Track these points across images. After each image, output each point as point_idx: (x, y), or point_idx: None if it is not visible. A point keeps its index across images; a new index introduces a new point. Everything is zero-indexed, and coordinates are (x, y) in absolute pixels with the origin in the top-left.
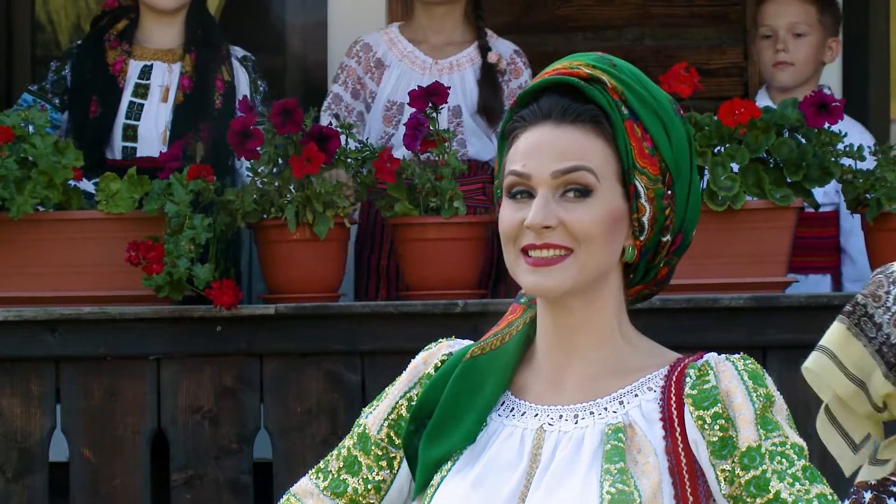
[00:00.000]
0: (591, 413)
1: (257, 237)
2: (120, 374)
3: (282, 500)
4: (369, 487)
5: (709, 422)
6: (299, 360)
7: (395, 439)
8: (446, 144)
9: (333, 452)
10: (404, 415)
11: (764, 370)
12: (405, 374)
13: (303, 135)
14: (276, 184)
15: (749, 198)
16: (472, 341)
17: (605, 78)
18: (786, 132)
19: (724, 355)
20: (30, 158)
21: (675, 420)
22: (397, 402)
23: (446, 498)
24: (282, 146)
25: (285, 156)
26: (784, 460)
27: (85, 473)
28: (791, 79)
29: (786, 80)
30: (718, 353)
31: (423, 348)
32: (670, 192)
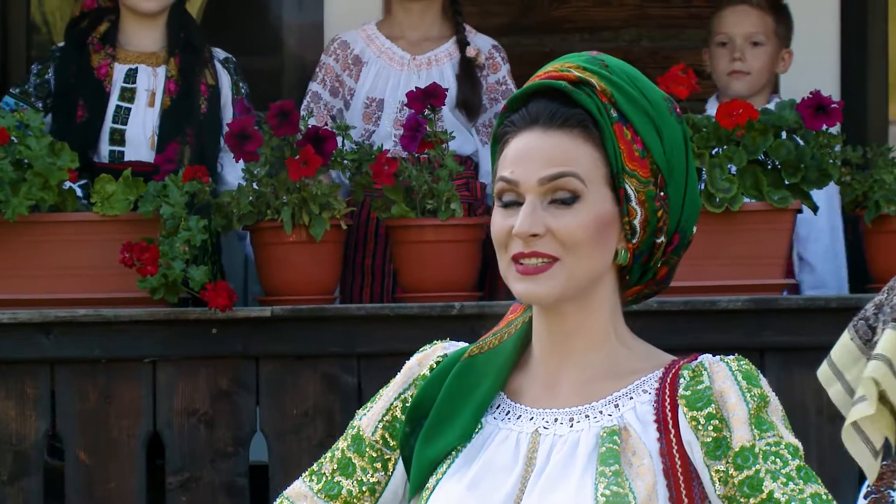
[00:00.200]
0: (587, 416)
1: (253, 239)
2: (115, 376)
3: (276, 503)
4: (364, 489)
5: (702, 422)
6: (295, 362)
7: (390, 441)
8: (443, 146)
9: (327, 455)
10: (399, 416)
11: (759, 371)
12: (400, 375)
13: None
14: (271, 186)
15: (747, 200)
16: (468, 343)
17: (595, 80)
18: (784, 134)
19: (718, 356)
20: (24, 160)
21: (670, 422)
22: (392, 404)
23: (442, 501)
24: (278, 148)
25: (281, 158)
26: (778, 460)
27: (80, 476)
28: (746, 88)
29: (740, 88)
30: (713, 355)
31: (419, 350)
32: (663, 193)
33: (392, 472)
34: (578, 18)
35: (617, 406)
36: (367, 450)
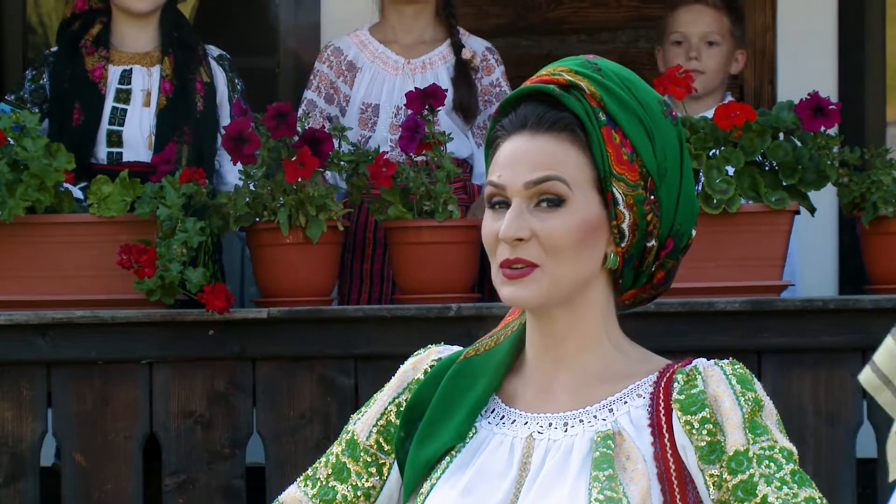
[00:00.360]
0: (581, 421)
1: (250, 241)
2: (112, 378)
3: None
4: (359, 494)
5: (696, 427)
6: (292, 364)
7: (385, 445)
8: (441, 148)
9: (322, 459)
10: (393, 421)
11: (753, 375)
12: (394, 379)
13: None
14: (268, 187)
15: (744, 201)
16: (462, 347)
17: (585, 84)
18: (781, 135)
19: (712, 360)
20: (21, 161)
21: (664, 426)
22: (386, 408)
23: None
24: (275, 149)
25: (278, 159)
26: (772, 464)
27: (76, 478)
28: (701, 87)
29: (697, 88)
30: (708, 359)
31: (413, 355)
32: (653, 196)
33: (387, 477)
34: (576, 20)
35: (611, 410)
36: (362, 454)
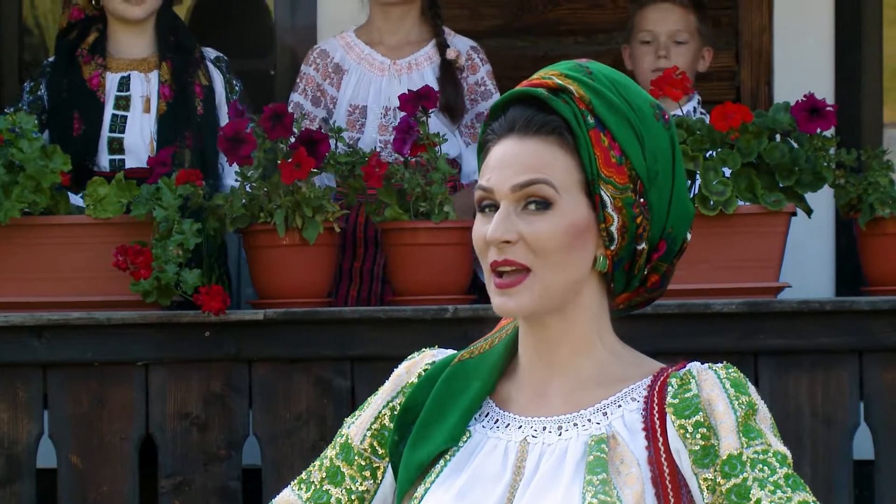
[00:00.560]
0: (575, 424)
1: (246, 242)
2: (108, 379)
3: None
4: (353, 498)
5: (690, 431)
6: (288, 365)
7: (379, 449)
8: (436, 149)
9: (315, 463)
10: (387, 424)
11: (747, 378)
12: (388, 383)
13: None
14: (265, 189)
15: (741, 202)
16: (457, 350)
17: (574, 87)
18: (778, 137)
19: (706, 364)
20: (17, 163)
21: (658, 430)
22: (380, 412)
23: None
24: (271, 150)
25: (274, 160)
26: (766, 468)
27: (72, 480)
28: None
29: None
30: (702, 362)
31: (407, 358)
32: (643, 199)
33: (381, 481)
34: (572, 21)
35: (605, 414)
36: (356, 458)
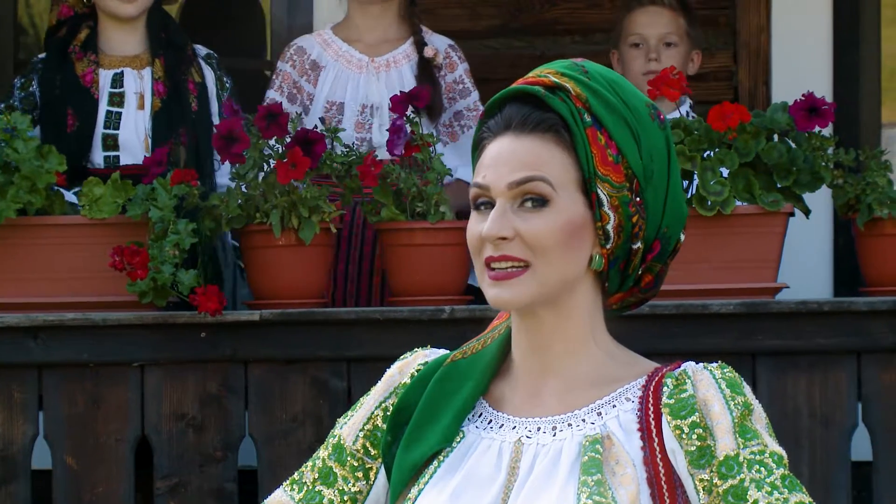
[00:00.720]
0: (569, 425)
1: (242, 243)
2: (103, 380)
3: None
4: (345, 499)
5: (686, 431)
6: (285, 366)
7: (371, 450)
8: (430, 149)
9: (308, 464)
10: (380, 425)
11: (742, 378)
12: (380, 383)
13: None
14: (261, 189)
15: (739, 203)
16: (449, 350)
17: (570, 85)
18: (776, 137)
19: (701, 364)
20: (12, 163)
21: (653, 430)
22: (373, 413)
23: None
24: (267, 150)
25: (265, 159)
26: (762, 469)
27: (68, 481)
28: None
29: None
30: (696, 362)
31: (399, 358)
32: (639, 198)
33: (374, 482)
34: (570, 20)
35: (600, 414)
36: (349, 459)
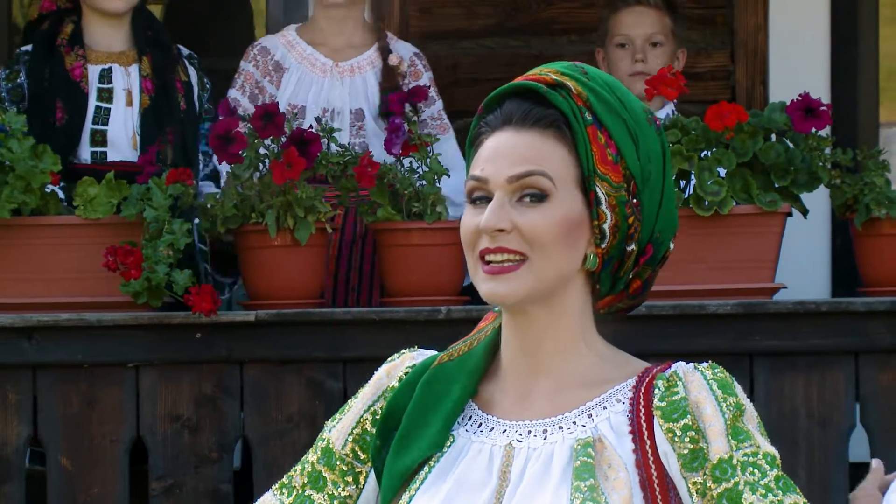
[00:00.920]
0: (560, 427)
1: (238, 243)
2: (98, 381)
3: None
4: (335, 503)
5: (679, 434)
6: (280, 367)
7: (361, 454)
8: (428, 149)
9: (297, 467)
10: (369, 429)
11: (733, 378)
12: (368, 386)
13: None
14: (256, 189)
15: (736, 203)
16: (437, 352)
17: (571, 84)
18: (773, 136)
19: (692, 364)
20: (6, 163)
21: (645, 433)
22: (361, 417)
23: None
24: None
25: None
26: (756, 471)
27: (62, 482)
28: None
29: (641, 90)
30: (687, 362)
31: (387, 360)
32: (636, 200)
33: (363, 486)
34: (566, 20)
35: (590, 416)
36: (338, 463)
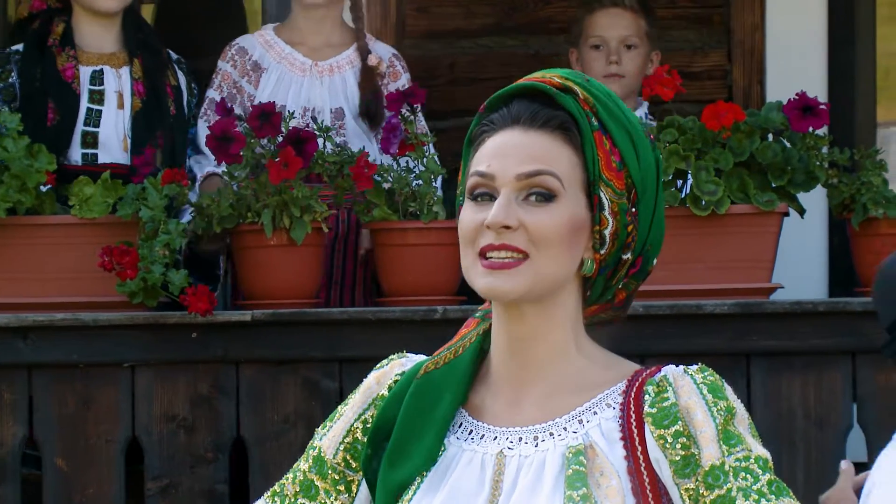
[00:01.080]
0: (551, 434)
1: (234, 243)
2: (93, 381)
3: None
4: None
5: (670, 441)
6: (276, 367)
7: (352, 462)
8: (424, 148)
9: (289, 476)
10: (360, 438)
11: (723, 380)
12: (358, 394)
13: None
14: (252, 188)
15: (733, 202)
16: (426, 356)
17: (578, 89)
18: (770, 136)
19: (681, 368)
20: (1, 162)
21: (636, 439)
22: (352, 426)
23: None
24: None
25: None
26: (749, 476)
27: (58, 482)
28: (621, 91)
29: (616, 91)
30: (676, 365)
31: (376, 367)
32: (635, 209)
33: (356, 494)
34: (564, 19)
35: (581, 422)
36: (330, 472)
